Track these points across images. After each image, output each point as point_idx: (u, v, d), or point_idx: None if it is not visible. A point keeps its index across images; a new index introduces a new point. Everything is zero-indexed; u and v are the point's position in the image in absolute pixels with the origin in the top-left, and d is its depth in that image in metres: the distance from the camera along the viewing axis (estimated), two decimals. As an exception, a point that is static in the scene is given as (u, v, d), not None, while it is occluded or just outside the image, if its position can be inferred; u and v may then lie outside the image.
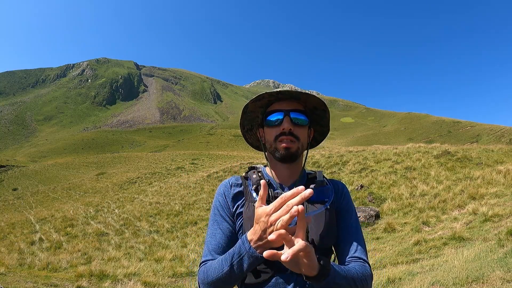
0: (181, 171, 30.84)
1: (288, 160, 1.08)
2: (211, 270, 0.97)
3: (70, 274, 6.42)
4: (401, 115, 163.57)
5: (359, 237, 1.09)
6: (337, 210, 1.11)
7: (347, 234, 1.09)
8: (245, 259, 0.89)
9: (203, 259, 1.06)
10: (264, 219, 0.83)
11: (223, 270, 0.93)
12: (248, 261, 0.89)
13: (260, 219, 0.84)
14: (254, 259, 0.88)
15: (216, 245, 1.05)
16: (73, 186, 33.27)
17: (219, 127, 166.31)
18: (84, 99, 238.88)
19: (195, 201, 15.80)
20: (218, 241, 1.06)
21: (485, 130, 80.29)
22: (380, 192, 10.44)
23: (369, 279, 1.00)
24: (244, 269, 0.91)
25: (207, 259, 1.04)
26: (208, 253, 1.05)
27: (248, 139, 1.29)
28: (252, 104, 1.14)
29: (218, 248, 1.04)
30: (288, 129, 1.06)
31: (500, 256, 3.87)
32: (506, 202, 6.92)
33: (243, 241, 0.90)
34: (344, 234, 1.09)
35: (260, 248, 0.87)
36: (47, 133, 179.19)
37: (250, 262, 0.89)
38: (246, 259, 0.89)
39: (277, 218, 0.80)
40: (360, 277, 0.96)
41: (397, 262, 4.99)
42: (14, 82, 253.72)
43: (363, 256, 1.04)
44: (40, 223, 15.02)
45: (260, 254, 0.87)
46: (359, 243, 1.07)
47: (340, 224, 1.11)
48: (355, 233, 1.09)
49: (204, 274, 0.99)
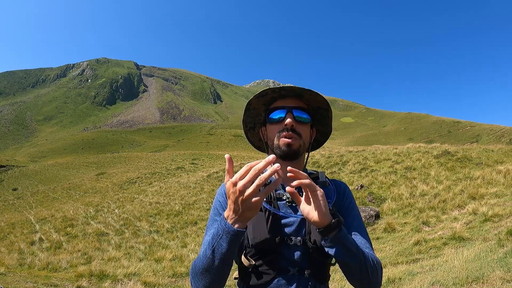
0: (181, 171, 30.84)
1: (290, 157, 1.07)
2: (198, 260, 0.93)
3: (70, 274, 6.42)
4: (401, 115, 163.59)
5: (364, 235, 1.07)
6: (339, 210, 1.11)
7: (351, 233, 1.08)
8: (224, 237, 0.84)
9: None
10: (233, 190, 0.80)
11: (206, 255, 0.89)
12: (226, 238, 0.84)
13: (230, 191, 0.81)
14: (232, 235, 0.83)
15: None
16: (73, 186, 33.27)
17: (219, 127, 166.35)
18: (84, 99, 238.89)
19: (195, 201, 15.79)
20: None
21: (485, 130, 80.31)
22: (380, 192, 10.44)
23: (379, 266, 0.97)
24: (225, 249, 0.85)
25: None
26: None
27: (250, 138, 1.28)
28: (255, 101, 1.13)
29: None
30: (290, 125, 1.05)
31: (500, 256, 3.87)
32: (506, 202, 6.92)
33: (220, 220, 0.87)
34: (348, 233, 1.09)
35: (238, 222, 0.83)
36: (47, 133, 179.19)
37: (229, 239, 0.84)
38: (224, 237, 0.84)
39: (244, 184, 0.78)
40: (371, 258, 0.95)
41: (397, 262, 4.99)
42: (14, 82, 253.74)
43: (371, 251, 1.03)
44: (40, 223, 15.02)
45: (238, 229, 0.83)
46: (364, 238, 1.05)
47: (344, 224, 1.10)
48: (360, 231, 1.08)
49: (192, 266, 0.96)
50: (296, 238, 1.02)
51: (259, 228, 1.01)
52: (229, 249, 0.85)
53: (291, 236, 1.03)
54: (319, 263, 1.03)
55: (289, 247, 1.02)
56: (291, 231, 1.04)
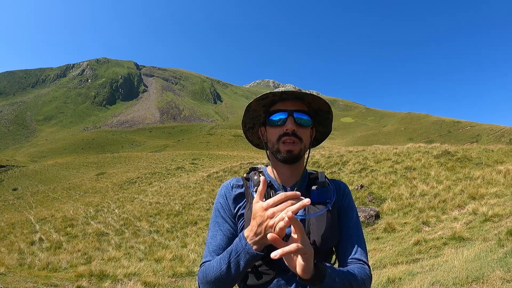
0: (181, 171, 30.84)
1: (290, 162, 1.08)
2: (210, 269, 0.96)
3: (70, 274, 6.41)
4: (401, 115, 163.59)
5: (360, 239, 1.08)
6: (338, 210, 1.11)
7: (347, 235, 1.09)
8: (242, 256, 0.89)
9: (203, 260, 1.06)
10: (261, 214, 0.83)
11: (221, 268, 0.93)
12: (244, 258, 0.88)
13: (257, 214, 0.84)
14: (251, 256, 0.87)
15: (217, 247, 1.05)
16: (73, 186, 33.27)
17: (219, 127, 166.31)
18: (84, 99, 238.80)
19: (195, 201, 15.80)
20: (219, 242, 1.06)
21: (485, 130, 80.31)
22: (380, 192, 10.44)
23: (367, 281, 1.00)
24: (241, 267, 0.90)
25: (207, 260, 1.04)
26: (208, 254, 1.05)
27: (249, 137, 1.29)
28: (255, 103, 1.13)
29: (218, 250, 1.04)
30: (291, 129, 1.05)
31: (500, 256, 3.87)
32: (506, 202, 6.92)
33: (240, 238, 0.90)
34: (344, 235, 1.09)
35: (256, 244, 0.86)
36: (47, 133, 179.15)
37: (247, 259, 0.88)
38: (243, 256, 0.88)
39: (273, 213, 0.80)
40: (358, 280, 0.96)
41: (397, 262, 4.99)
42: (14, 82, 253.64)
43: (363, 258, 1.04)
44: (40, 223, 15.02)
45: (256, 251, 0.86)
46: (359, 244, 1.07)
47: (341, 225, 1.10)
48: (356, 234, 1.08)
49: (203, 274, 0.99)
50: None
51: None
52: (246, 267, 0.90)
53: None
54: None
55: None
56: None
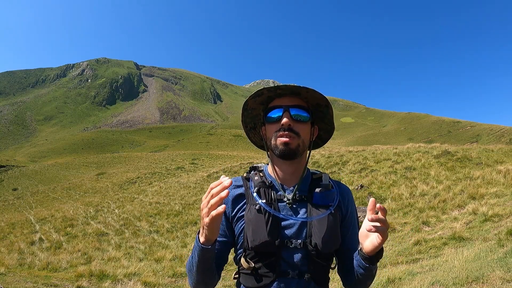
0: (181, 171, 30.84)
1: (288, 156, 1.04)
2: (188, 259, 1.04)
3: (70, 274, 6.41)
4: (401, 115, 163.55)
5: None
6: (341, 214, 1.10)
7: (350, 240, 1.09)
8: (196, 248, 0.95)
9: None
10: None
11: (189, 259, 1.02)
12: (196, 250, 0.94)
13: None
14: (200, 250, 0.93)
15: None
16: (73, 186, 33.26)
17: (219, 127, 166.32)
18: (84, 99, 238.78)
19: (195, 201, 15.80)
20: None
21: (485, 130, 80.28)
22: (380, 192, 10.44)
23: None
24: (196, 259, 0.96)
25: None
26: None
27: (251, 138, 1.26)
28: (251, 101, 1.11)
29: None
30: (287, 124, 1.03)
31: (500, 256, 3.87)
32: (506, 202, 6.91)
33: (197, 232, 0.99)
34: (348, 239, 1.09)
35: (202, 237, 0.91)
36: (47, 133, 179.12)
37: (198, 251, 0.94)
38: (196, 248, 0.95)
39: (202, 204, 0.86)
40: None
41: (397, 262, 5.00)
42: (14, 82, 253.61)
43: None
44: (40, 223, 15.01)
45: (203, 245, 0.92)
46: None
47: (344, 229, 1.09)
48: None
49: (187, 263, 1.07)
50: (296, 241, 1.01)
51: (259, 230, 0.99)
52: (200, 260, 0.95)
53: (291, 239, 1.01)
54: (319, 266, 1.02)
55: (289, 250, 1.01)
56: (291, 234, 1.02)
